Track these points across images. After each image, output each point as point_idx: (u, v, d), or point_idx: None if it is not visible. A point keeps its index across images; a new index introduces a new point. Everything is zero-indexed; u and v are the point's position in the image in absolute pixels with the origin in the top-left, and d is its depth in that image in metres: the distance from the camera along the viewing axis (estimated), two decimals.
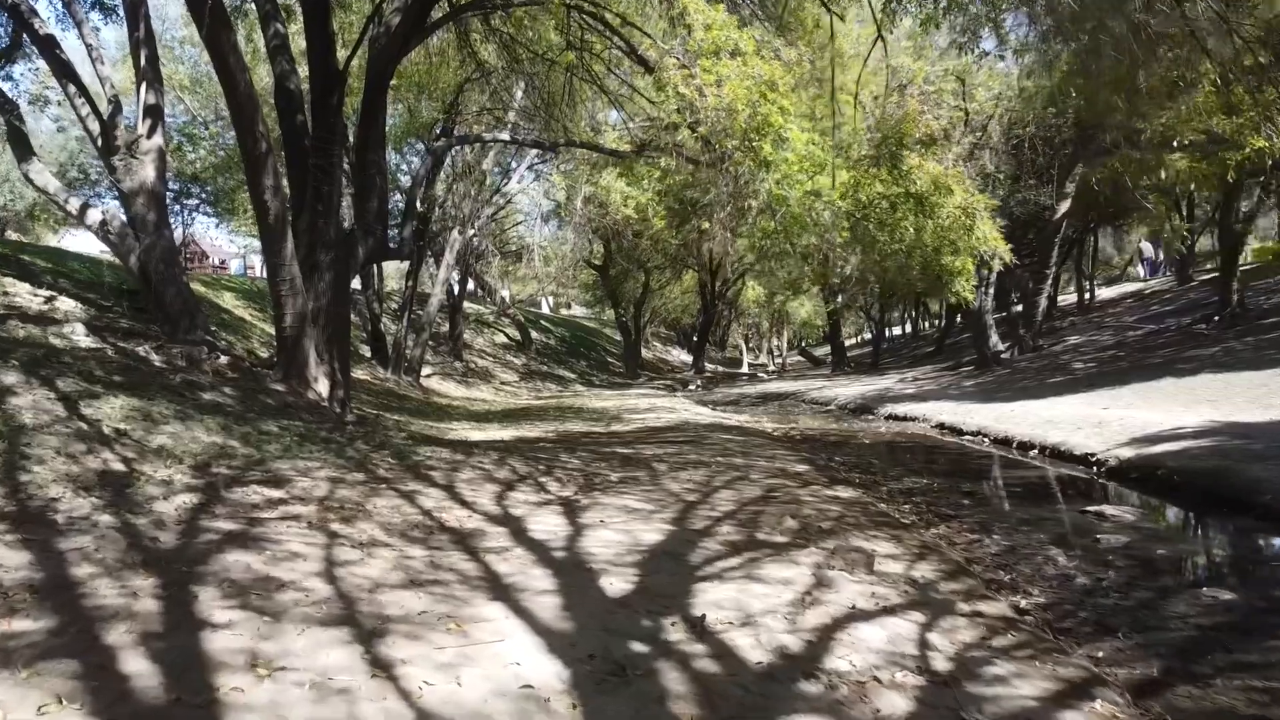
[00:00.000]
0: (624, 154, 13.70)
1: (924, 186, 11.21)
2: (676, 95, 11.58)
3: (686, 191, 22.65)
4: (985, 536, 5.93)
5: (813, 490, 6.69)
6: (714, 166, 12.15)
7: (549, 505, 5.59)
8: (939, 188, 11.20)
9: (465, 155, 23.69)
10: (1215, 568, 5.27)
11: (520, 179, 23.88)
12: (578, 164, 23.85)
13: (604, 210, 25.66)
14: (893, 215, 11.33)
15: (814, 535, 4.85)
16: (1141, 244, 32.70)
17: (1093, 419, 10.97)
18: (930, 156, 11.71)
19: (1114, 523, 6.32)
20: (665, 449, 9.67)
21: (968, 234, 11.70)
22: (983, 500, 7.45)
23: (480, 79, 17.17)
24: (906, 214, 11.43)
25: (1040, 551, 5.47)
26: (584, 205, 27.08)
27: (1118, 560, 5.29)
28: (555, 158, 25.83)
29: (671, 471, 7.52)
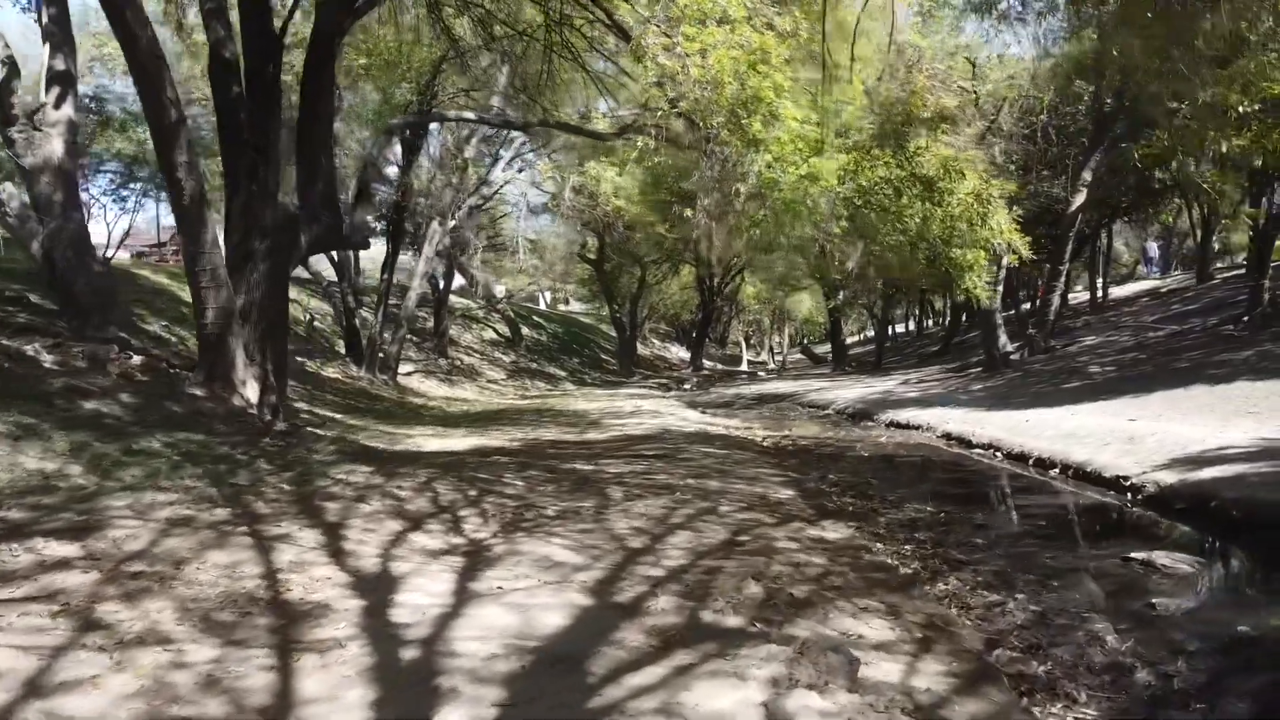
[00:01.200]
0: (603, 135, 12.48)
1: (932, 170, 9.97)
2: (656, 67, 10.34)
3: (679, 182, 21.40)
4: (1007, 597, 4.68)
5: (793, 530, 5.45)
6: (698, 148, 10.91)
7: (448, 556, 4.37)
8: (949, 172, 9.94)
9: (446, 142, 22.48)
10: None
11: (506, 168, 22.61)
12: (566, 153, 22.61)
13: (594, 201, 24.41)
14: (897, 202, 10.07)
15: (782, 612, 3.61)
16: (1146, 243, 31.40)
17: (1121, 432, 9.70)
18: (939, 137, 10.45)
19: (1168, 576, 5.07)
20: (633, 466, 8.44)
21: (980, 224, 10.44)
22: (1000, 538, 6.19)
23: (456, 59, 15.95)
24: (913, 200, 10.17)
25: (1079, 623, 4.22)
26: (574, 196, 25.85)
27: (1187, 639, 4.04)
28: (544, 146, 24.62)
29: (627, 500, 6.29)
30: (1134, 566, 5.28)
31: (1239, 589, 4.91)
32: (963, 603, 4.58)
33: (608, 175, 21.74)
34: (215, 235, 9.10)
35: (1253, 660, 3.80)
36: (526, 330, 35.92)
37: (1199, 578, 5.03)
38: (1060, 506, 7.59)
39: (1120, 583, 5.02)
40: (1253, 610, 4.44)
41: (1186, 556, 5.32)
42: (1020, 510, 7.35)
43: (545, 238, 29.42)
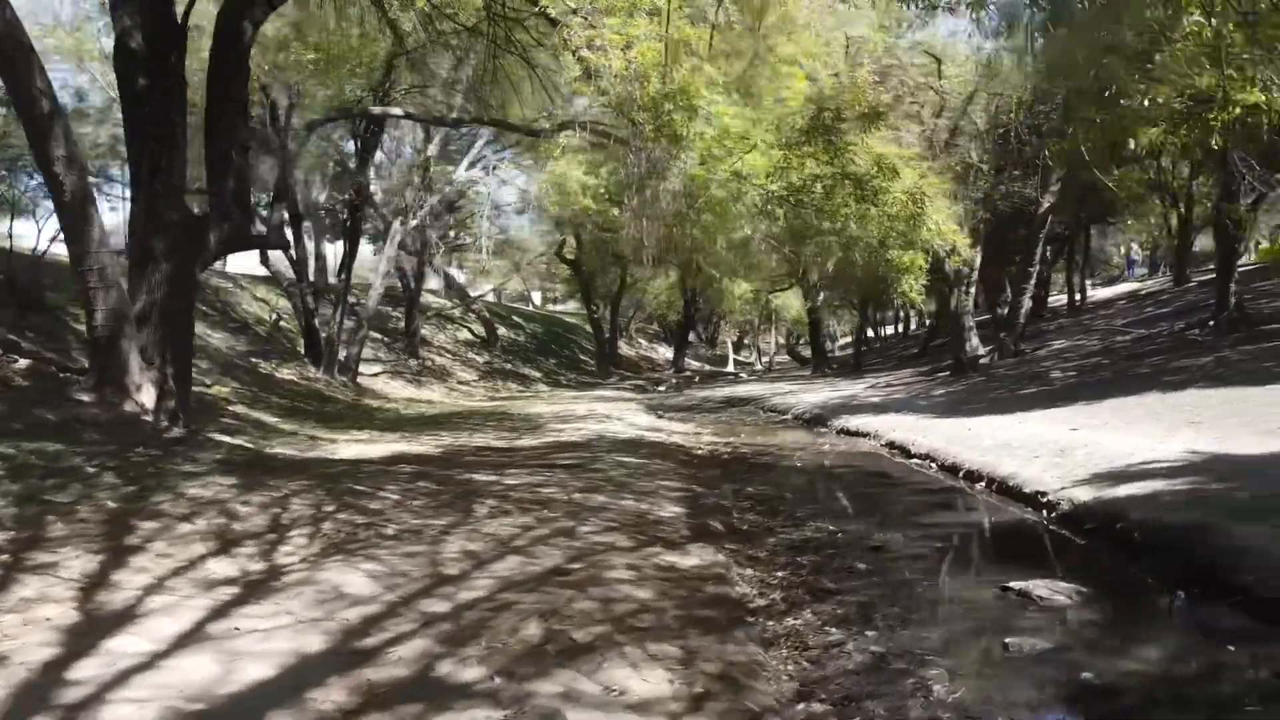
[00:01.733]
0: (537, 131, 12.04)
1: (864, 168, 9.54)
2: (579, 60, 9.94)
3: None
4: (855, 635, 4.26)
5: (644, 556, 5.04)
6: (625, 144, 10.48)
7: (225, 587, 3.96)
8: (883, 169, 9.51)
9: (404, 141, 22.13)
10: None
11: (469, 167, 22.17)
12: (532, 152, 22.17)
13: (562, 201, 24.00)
14: (829, 201, 9.65)
15: (543, 662, 3.19)
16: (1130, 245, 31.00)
17: (1057, 443, 9.28)
18: (876, 133, 10.01)
19: (1042, 609, 4.65)
20: (533, 477, 8.04)
21: (915, 224, 10.01)
22: (888, 562, 5.76)
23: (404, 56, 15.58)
24: (846, 199, 9.76)
25: (917, 668, 3.80)
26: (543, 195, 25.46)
27: (1025, 687, 3.63)
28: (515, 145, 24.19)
29: (490, 517, 5.88)
30: (1011, 597, 4.86)
31: (1112, 625, 4.49)
32: (801, 643, 4.17)
33: (574, 174, 21.31)
34: (103, 233, 8.69)
35: (1080, 714, 3.39)
36: (504, 330, 35.52)
37: (1074, 611, 4.61)
38: (970, 524, 7.17)
39: (989, 616, 4.60)
40: (1111, 653, 4.01)
41: (1068, 586, 4.89)
42: (926, 529, 6.92)
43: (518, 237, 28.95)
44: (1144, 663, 3.92)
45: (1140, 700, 3.53)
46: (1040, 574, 5.31)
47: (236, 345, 20.02)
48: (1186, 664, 3.92)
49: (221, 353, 18.69)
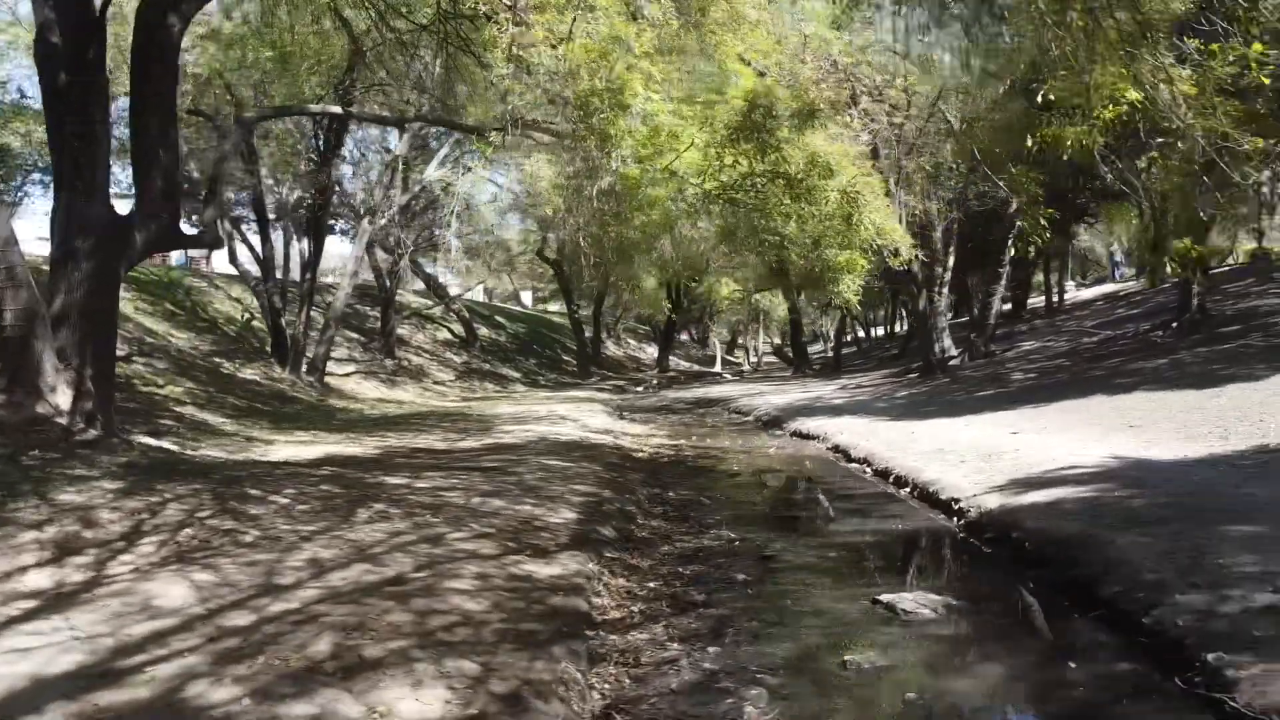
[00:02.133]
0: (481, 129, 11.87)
1: (797, 166, 9.37)
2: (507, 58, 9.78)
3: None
4: (694, 651, 4.11)
5: (503, 564, 4.89)
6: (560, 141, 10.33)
7: (27, 600, 3.81)
8: (817, 167, 9.34)
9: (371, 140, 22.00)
10: None
11: (440, 165, 22.01)
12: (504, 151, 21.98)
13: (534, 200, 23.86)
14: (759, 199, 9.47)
15: (314, 681, 3.05)
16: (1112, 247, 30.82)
17: (990, 448, 9.15)
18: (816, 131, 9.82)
19: (905, 623, 4.50)
20: (447, 480, 7.90)
21: (847, 223, 9.84)
22: (770, 573, 5.61)
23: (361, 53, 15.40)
24: (779, 199, 9.59)
25: (741, 687, 3.65)
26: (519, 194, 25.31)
27: (843, 712, 3.49)
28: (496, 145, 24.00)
29: (368, 523, 5.74)
30: (878, 610, 4.71)
31: (964, 641, 4.33)
32: (634, 659, 4.03)
33: (546, 173, 21.16)
34: (11, 231, 8.54)
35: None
36: (484, 330, 35.36)
37: (935, 625, 4.46)
38: (879, 532, 7.00)
39: (845, 631, 4.44)
40: (948, 671, 3.87)
41: (938, 599, 4.74)
42: (831, 537, 6.78)
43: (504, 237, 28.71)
44: (976, 681, 3.77)
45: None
46: (923, 585, 5.19)
47: (201, 345, 19.86)
48: (1019, 683, 3.77)
49: (184, 352, 18.55)
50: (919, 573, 5.53)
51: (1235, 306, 16.10)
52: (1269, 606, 3.83)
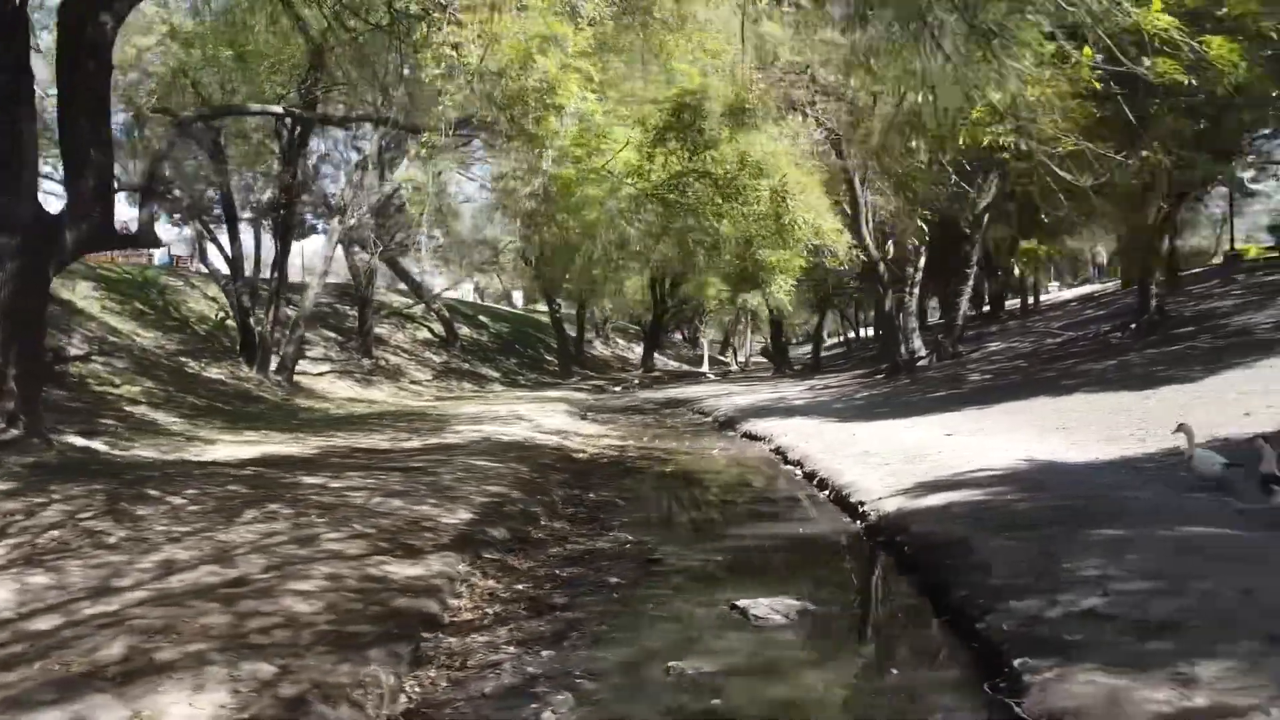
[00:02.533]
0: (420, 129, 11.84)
1: (725, 167, 9.32)
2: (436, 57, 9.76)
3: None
4: (526, 654, 4.09)
5: (367, 564, 4.88)
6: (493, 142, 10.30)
7: None
8: (746, 166, 9.29)
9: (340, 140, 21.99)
10: None
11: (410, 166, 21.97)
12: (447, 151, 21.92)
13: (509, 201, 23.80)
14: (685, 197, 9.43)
15: (90, 685, 3.03)
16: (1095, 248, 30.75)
17: (920, 449, 9.13)
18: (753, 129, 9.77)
19: (753, 628, 4.48)
20: (364, 480, 7.90)
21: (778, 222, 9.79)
22: (648, 576, 5.60)
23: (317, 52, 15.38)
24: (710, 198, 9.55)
25: (556, 692, 3.63)
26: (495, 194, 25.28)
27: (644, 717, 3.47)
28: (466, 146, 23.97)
29: (252, 522, 5.73)
30: (732, 615, 4.69)
31: (801, 647, 4.30)
32: (461, 662, 4.01)
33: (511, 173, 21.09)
34: None
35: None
36: (466, 330, 35.32)
37: (780, 631, 4.43)
38: (778, 535, 6.98)
39: (688, 636, 4.42)
40: (768, 680, 3.84)
41: (795, 604, 4.71)
42: (728, 541, 6.77)
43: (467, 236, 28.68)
44: (791, 689, 3.75)
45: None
46: (794, 590, 5.14)
47: (168, 344, 19.84)
48: (836, 691, 3.74)
49: (148, 351, 18.52)
50: (794, 577, 5.50)
51: (1196, 308, 16.06)
52: (1089, 610, 3.81)
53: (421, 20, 10.26)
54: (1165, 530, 4.90)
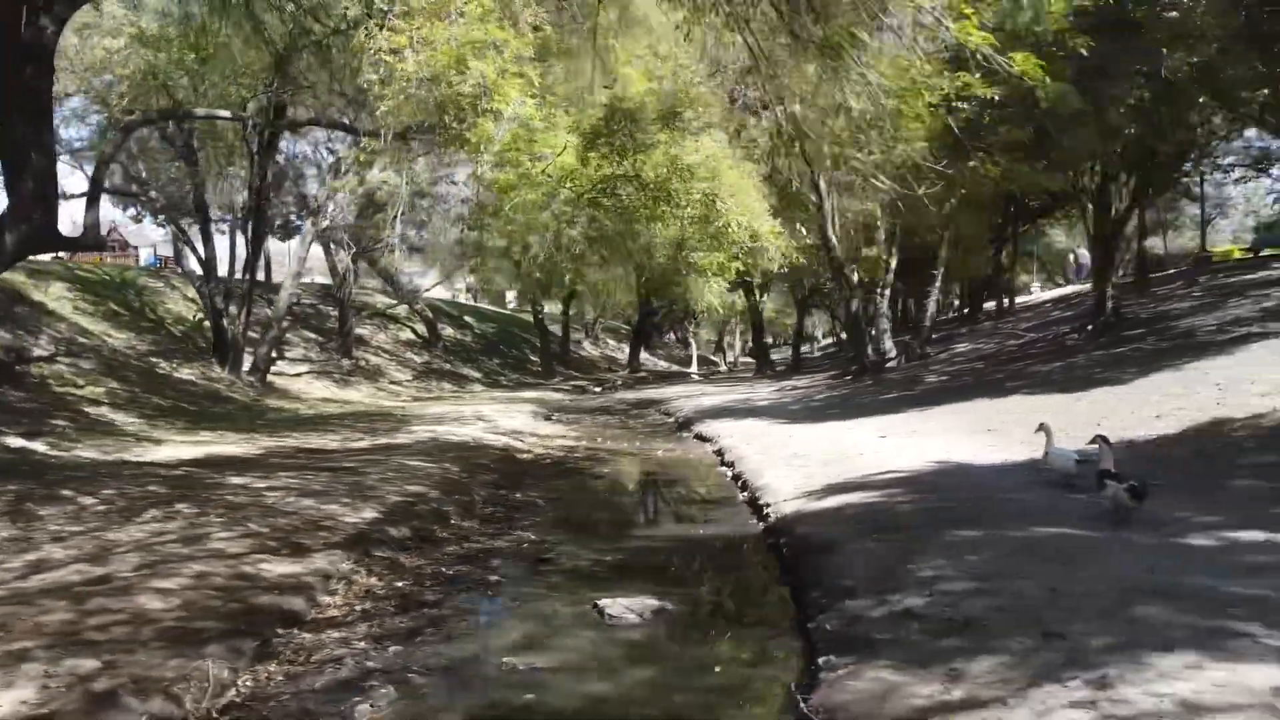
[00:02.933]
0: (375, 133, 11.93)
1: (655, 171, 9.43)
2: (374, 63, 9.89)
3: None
4: (373, 650, 4.22)
5: (245, 561, 5.01)
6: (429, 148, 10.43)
7: None
8: (676, 170, 9.41)
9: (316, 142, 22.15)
10: None
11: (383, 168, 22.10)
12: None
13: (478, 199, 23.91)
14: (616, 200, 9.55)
15: None
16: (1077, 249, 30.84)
17: (847, 451, 9.26)
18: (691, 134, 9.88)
19: (608, 627, 4.60)
20: (292, 480, 8.05)
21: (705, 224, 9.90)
22: (532, 575, 5.74)
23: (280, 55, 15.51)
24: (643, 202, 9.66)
25: (381, 687, 3.75)
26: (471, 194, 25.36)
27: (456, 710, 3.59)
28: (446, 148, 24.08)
29: (152, 521, 5.86)
30: (592, 614, 4.80)
31: (643, 647, 4.40)
32: (306, 657, 4.13)
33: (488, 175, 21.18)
34: None
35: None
36: (450, 331, 35.46)
37: (628, 630, 4.55)
38: (678, 538, 7.08)
39: (545, 633, 4.55)
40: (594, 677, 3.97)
41: (651, 604, 4.82)
42: (626, 541, 6.90)
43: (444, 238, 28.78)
44: (612, 686, 3.87)
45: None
46: (664, 590, 5.23)
47: (139, 345, 19.94)
48: (656, 690, 3.85)
49: (118, 352, 18.63)
50: (671, 578, 5.61)
51: (1153, 310, 16.15)
52: (906, 610, 3.93)
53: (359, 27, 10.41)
54: (1018, 531, 5.02)
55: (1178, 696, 2.74)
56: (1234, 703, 2.67)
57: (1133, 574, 4.05)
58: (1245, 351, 10.06)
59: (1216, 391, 8.48)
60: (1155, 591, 3.74)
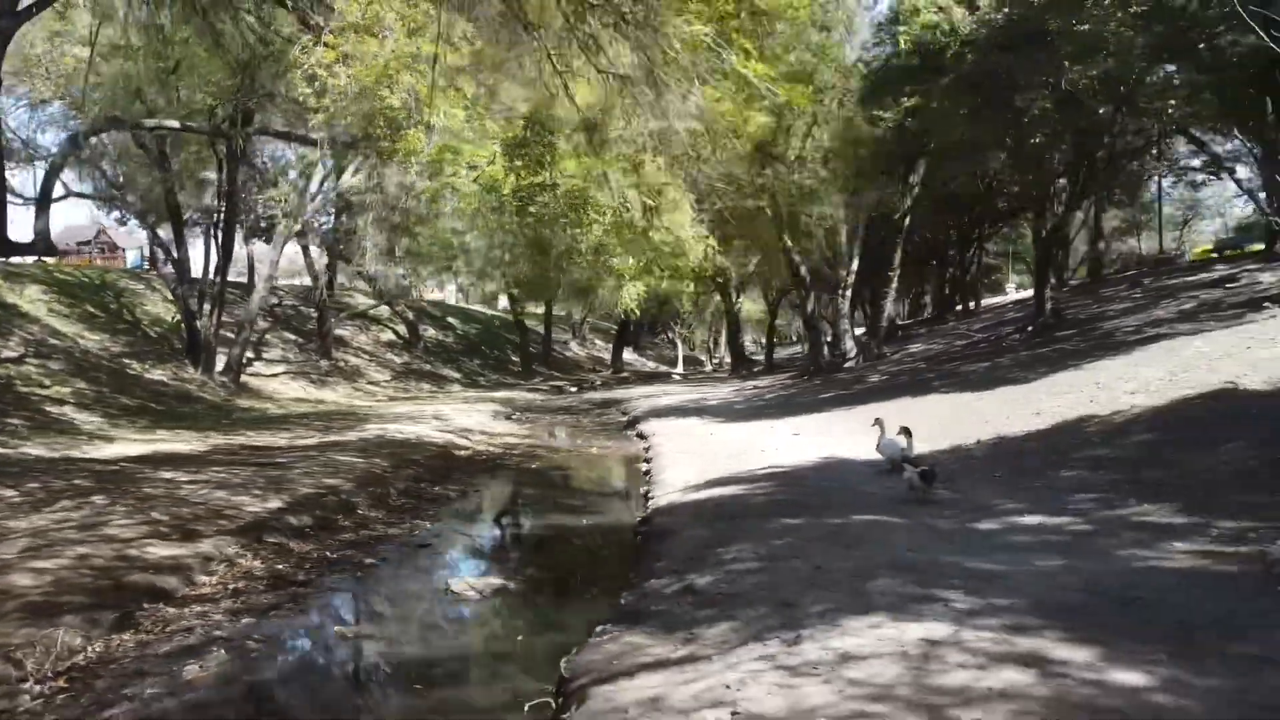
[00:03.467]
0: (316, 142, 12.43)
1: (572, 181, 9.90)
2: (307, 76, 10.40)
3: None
4: (228, 622, 4.70)
5: (132, 544, 5.50)
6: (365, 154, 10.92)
7: None
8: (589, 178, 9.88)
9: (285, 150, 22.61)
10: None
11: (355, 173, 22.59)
12: None
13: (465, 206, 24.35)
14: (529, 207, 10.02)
15: None
16: None
17: (751, 448, 9.85)
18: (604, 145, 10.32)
19: (451, 601, 5.09)
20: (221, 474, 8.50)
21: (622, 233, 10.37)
22: (406, 558, 6.22)
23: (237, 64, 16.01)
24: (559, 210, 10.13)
25: (215, 652, 4.23)
26: None
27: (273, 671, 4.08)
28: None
29: (56, 511, 6.35)
30: (443, 591, 5.29)
31: (469, 620, 4.89)
32: (162, 629, 4.61)
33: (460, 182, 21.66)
34: None
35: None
36: (433, 332, 35.95)
37: (467, 605, 5.04)
38: (564, 527, 7.54)
39: (394, 607, 5.03)
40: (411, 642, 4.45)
41: (495, 583, 5.33)
42: (515, 530, 7.39)
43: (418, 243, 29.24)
44: (418, 648, 4.35)
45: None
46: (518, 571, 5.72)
47: (113, 346, 20.39)
48: (440, 650, 4.34)
49: (90, 353, 19.09)
50: (533, 562, 6.11)
51: (1093, 310, 16.56)
52: (688, 586, 4.42)
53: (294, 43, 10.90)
54: (836, 518, 5.49)
55: (842, 649, 3.22)
56: (880, 652, 3.15)
57: (898, 553, 4.53)
58: (1143, 351, 10.49)
59: (1095, 390, 8.93)
60: (901, 566, 4.22)
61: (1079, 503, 5.43)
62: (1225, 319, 11.45)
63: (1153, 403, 7.72)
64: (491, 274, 17.97)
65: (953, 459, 7.69)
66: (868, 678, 2.95)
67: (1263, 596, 3.47)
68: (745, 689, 3.00)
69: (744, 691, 2.98)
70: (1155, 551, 4.24)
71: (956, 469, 7.24)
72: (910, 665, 3.02)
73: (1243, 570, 3.82)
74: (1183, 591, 3.64)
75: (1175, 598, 3.57)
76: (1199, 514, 4.80)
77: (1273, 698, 2.61)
